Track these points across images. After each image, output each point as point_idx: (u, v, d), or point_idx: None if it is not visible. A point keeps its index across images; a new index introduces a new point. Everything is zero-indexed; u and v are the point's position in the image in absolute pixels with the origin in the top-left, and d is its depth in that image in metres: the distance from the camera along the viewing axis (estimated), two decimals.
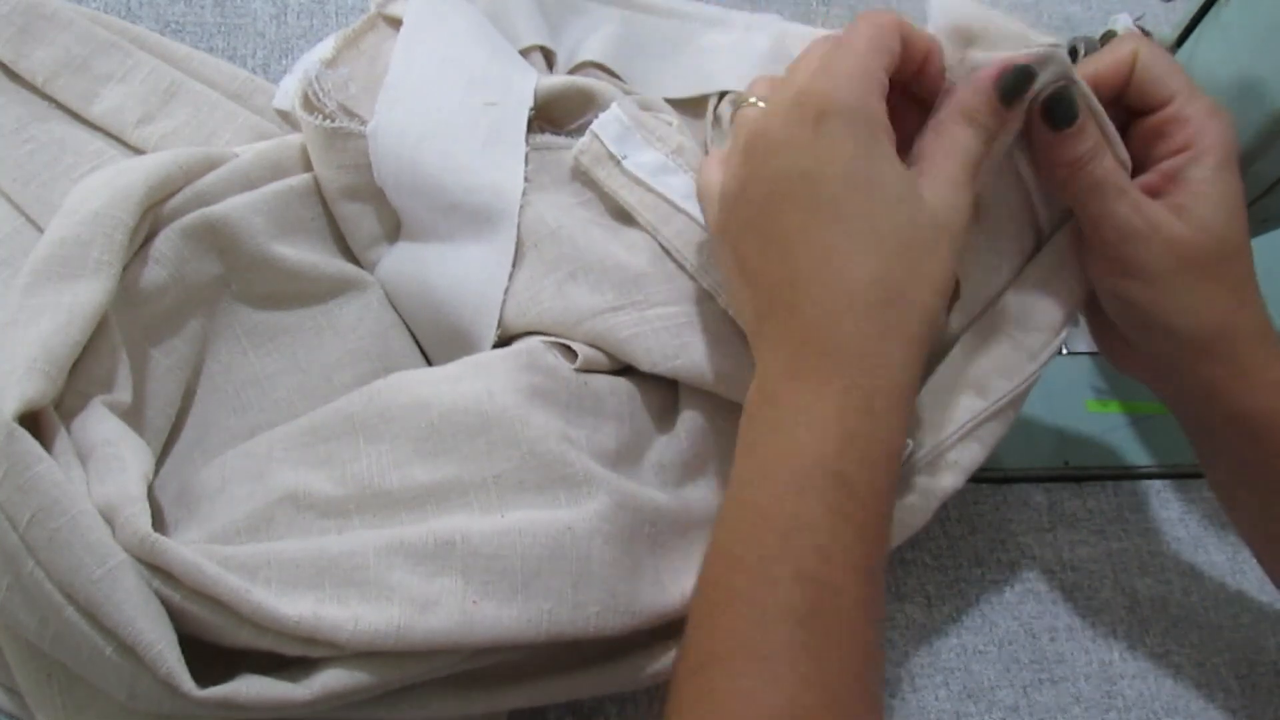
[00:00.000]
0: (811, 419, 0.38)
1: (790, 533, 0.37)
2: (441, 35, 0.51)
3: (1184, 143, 0.45)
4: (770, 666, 0.36)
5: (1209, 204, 0.44)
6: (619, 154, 0.49)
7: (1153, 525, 0.59)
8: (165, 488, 0.44)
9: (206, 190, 0.48)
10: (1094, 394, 0.61)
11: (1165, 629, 0.56)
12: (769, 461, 0.39)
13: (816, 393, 0.39)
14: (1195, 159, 0.44)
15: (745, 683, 0.36)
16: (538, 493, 0.43)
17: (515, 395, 0.44)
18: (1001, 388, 0.48)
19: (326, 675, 0.39)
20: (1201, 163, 0.44)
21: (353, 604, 0.39)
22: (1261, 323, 0.45)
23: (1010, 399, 0.48)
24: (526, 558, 0.41)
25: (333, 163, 0.50)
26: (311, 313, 0.50)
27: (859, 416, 0.38)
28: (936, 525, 0.56)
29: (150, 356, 0.46)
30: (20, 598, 0.38)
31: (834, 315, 0.39)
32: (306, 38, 0.61)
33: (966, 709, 0.52)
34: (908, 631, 0.53)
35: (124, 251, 0.43)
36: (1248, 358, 0.45)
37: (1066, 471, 0.59)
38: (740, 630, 0.37)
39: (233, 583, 0.38)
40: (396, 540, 0.41)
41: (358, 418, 0.44)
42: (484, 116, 0.49)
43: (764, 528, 0.38)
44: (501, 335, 0.48)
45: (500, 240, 0.48)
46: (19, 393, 0.38)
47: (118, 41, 0.54)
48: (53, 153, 0.52)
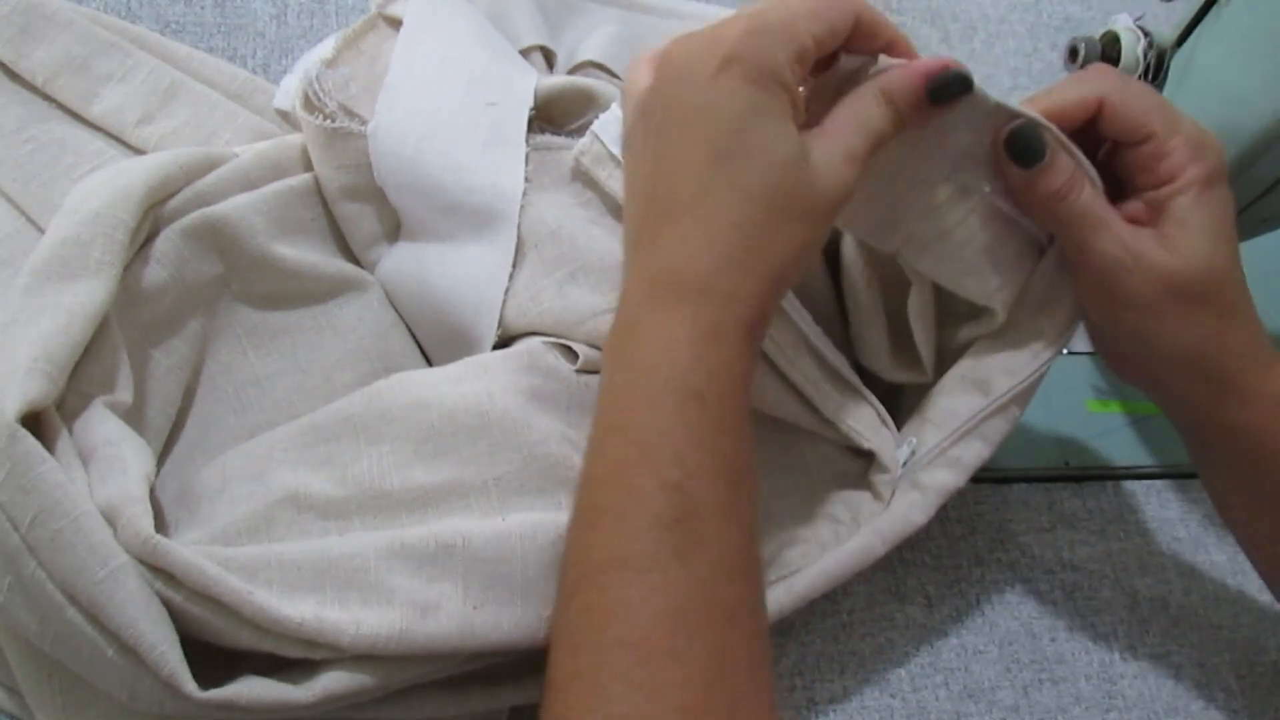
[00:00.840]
0: (663, 341, 0.40)
1: (648, 445, 0.38)
2: (442, 35, 0.51)
3: (1167, 175, 0.45)
4: (643, 575, 0.36)
5: (1193, 233, 0.44)
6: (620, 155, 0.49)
7: (1153, 525, 0.59)
8: (165, 488, 0.44)
9: (207, 190, 0.47)
10: (1094, 394, 0.61)
11: (1165, 629, 0.56)
12: (625, 385, 0.40)
13: (669, 317, 0.40)
14: (1179, 191, 0.44)
15: (621, 592, 0.36)
16: (538, 495, 0.43)
17: (516, 397, 0.44)
18: (1004, 384, 0.48)
19: (327, 677, 0.39)
20: (1185, 194, 0.44)
21: (354, 607, 0.39)
22: (1253, 340, 0.45)
23: (1013, 395, 0.48)
24: (526, 563, 0.41)
25: (333, 162, 0.50)
26: (311, 313, 0.50)
27: (705, 341, 0.39)
28: (936, 525, 0.56)
29: (151, 356, 0.46)
30: (22, 598, 0.38)
31: (695, 251, 0.40)
32: (306, 38, 0.61)
33: (966, 709, 0.52)
34: (908, 631, 0.53)
35: (124, 252, 0.43)
36: (1237, 375, 0.45)
37: (1066, 471, 0.59)
38: (611, 544, 0.37)
39: (234, 584, 0.38)
40: (397, 543, 0.41)
41: (358, 419, 0.44)
42: (484, 116, 0.49)
43: (624, 444, 0.39)
44: (502, 335, 0.47)
45: (500, 240, 0.48)
46: (20, 393, 0.38)
47: (118, 41, 0.54)
48: (53, 153, 0.52)
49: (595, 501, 0.39)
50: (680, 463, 0.38)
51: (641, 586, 0.36)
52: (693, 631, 0.36)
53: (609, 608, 0.36)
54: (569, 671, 0.37)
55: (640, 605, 0.36)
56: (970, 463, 0.49)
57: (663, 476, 0.38)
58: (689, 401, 0.39)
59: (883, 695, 0.51)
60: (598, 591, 0.37)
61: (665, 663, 0.35)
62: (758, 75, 0.40)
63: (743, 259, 0.40)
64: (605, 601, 0.37)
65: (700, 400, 0.39)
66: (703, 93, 0.40)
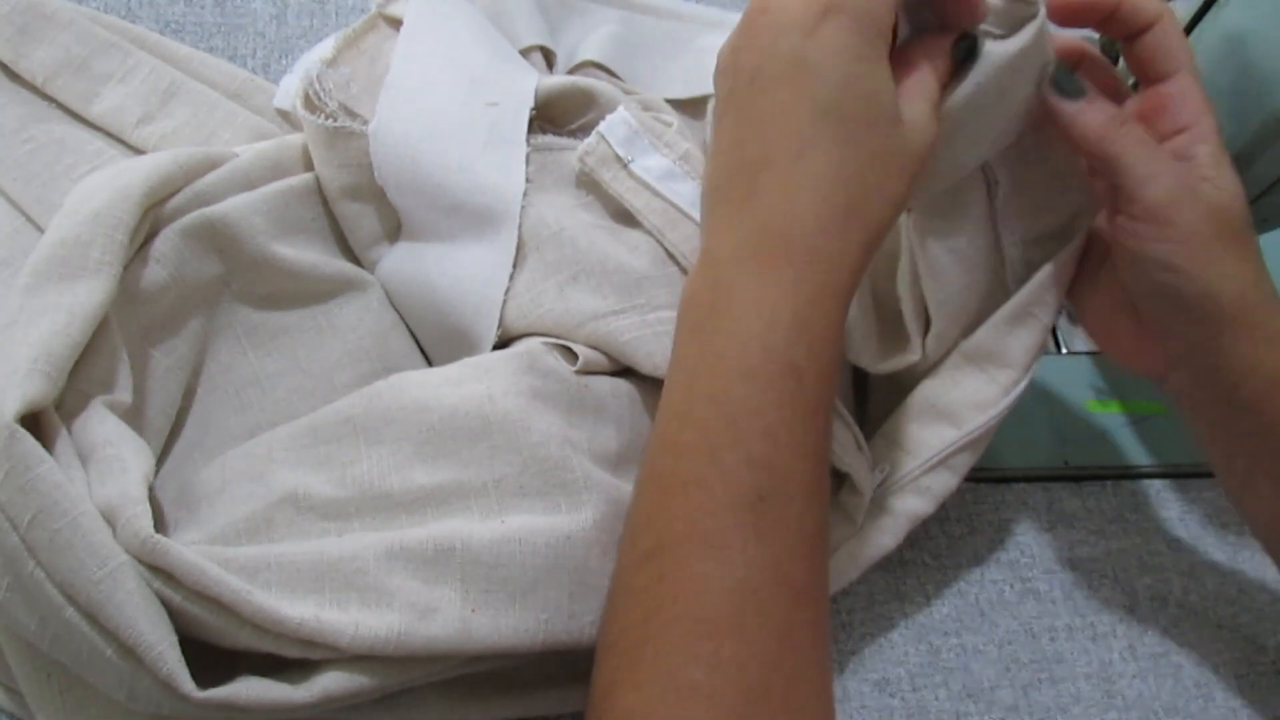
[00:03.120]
0: (761, 307, 0.39)
1: (739, 419, 0.38)
2: (442, 35, 0.51)
3: (1187, 121, 0.45)
4: (721, 550, 0.36)
5: (1228, 174, 0.44)
6: (626, 157, 0.48)
7: (1153, 525, 0.59)
8: (165, 488, 0.44)
9: (206, 190, 0.47)
10: (1094, 394, 0.61)
11: (1165, 629, 0.56)
12: (717, 348, 0.39)
13: (768, 280, 0.39)
14: (1200, 138, 0.45)
15: (697, 566, 0.36)
16: (538, 498, 0.43)
17: (516, 399, 0.44)
18: (975, 419, 0.49)
19: (326, 678, 0.39)
20: (1208, 141, 0.44)
21: (353, 609, 0.39)
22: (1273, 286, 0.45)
23: (983, 431, 0.49)
24: (525, 567, 0.41)
25: (334, 162, 0.50)
26: (311, 313, 0.50)
27: (810, 307, 0.38)
28: (936, 525, 0.56)
29: (150, 356, 0.46)
30: (21, 598, 0.38)
31: (798, 206, 0.39)
32: (306, 38, 0.61)
33: (966, 709, 0.52)
34: (908, 631, 0.53)
35: (124, 251, 0.43)
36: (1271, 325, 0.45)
37: (1066, 471, 0.59)
38: (691, 516, 0.37)
39: (234, 584, 0.38)
40: (397, 544, 0.41)
41: (358, 419, 0.44)
42: (485, 116, 0.49)
43: (713, 414, 0.38)
44: (502, 336, 0.47)
45: (501, 241, 0.48)
46: (20, 394, 0.38)
47: (118, 41, 0.54)
48: (53, 153, 0.52)
49: (679, 470, 0.38)
50: (771, 439, 0.37)
51: (718, 563, 0.36)
52: (761, 609, 0.36)
53: (683, 582, 0.36)
54: (635, 638, 0.37)
55: (714, 582, 0.36)
56: (940, 492, 0.50)
57: (751, 453, 0.37)
58: (786, 376, 0.38)
59: (883, 695, 0.51)
60: (674, 563, 0.37)
61: (730, 640, 0.35)
62: (862, 24, 0.39)
63: (845, 219, 0.39)
64: (681, 575, 0.37)
65: (798, 376, 0.38)
66: (804, 44, 0.39)
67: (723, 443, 0.38)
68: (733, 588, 0.36)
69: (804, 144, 0.39)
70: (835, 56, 0.39)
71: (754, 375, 0.38)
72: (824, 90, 0.39)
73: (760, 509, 0.37)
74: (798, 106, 0.39)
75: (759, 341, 0.38)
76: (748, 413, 0.38)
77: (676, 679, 0.35)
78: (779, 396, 0.38)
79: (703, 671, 0.35)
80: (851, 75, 0.39)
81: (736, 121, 0.41)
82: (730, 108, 0.41)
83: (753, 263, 0.39)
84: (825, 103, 0.39)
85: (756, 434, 0.37)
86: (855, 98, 0.39)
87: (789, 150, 0.39)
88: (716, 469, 0.37)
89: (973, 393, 0.49)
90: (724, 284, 0.40)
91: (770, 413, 0.38)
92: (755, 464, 0.37)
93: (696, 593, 0.36)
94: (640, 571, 0.38)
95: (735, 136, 0.41)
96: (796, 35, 0.39)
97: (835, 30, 0.39)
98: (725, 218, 0.41)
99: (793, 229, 0.39)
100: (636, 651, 0.36)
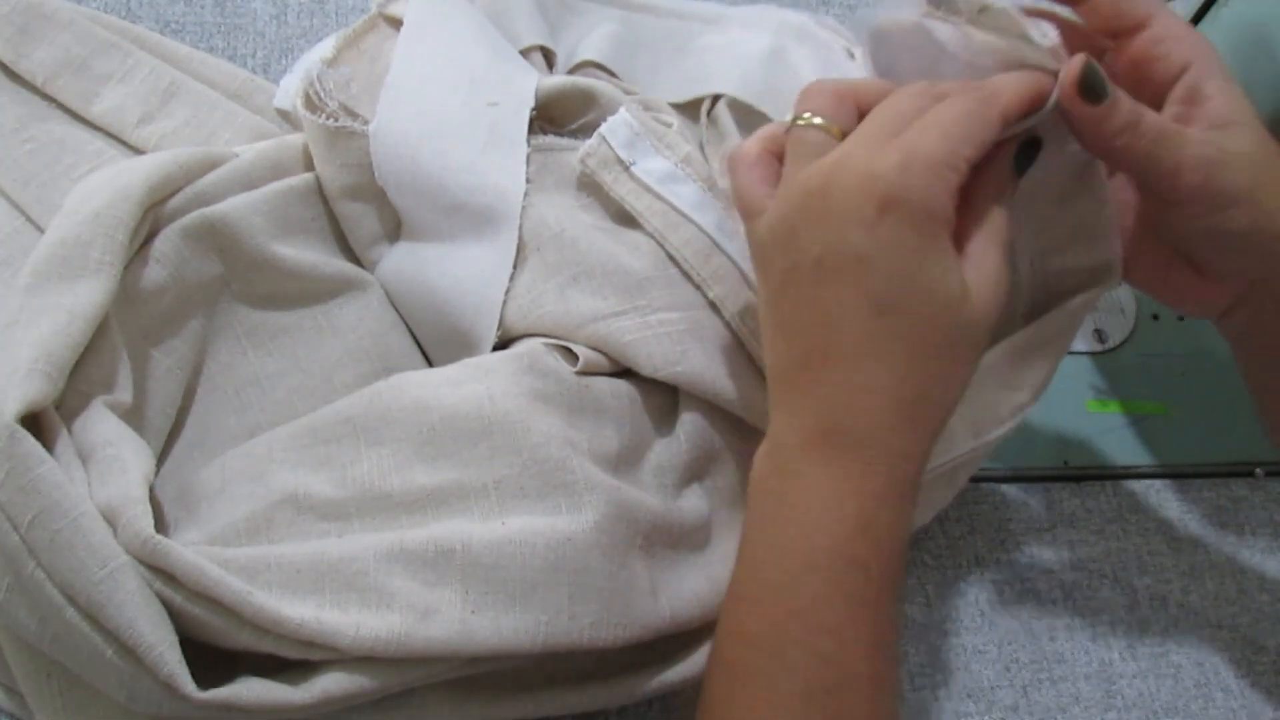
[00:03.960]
0: (828, 500, 0.38)
1: (806, 613, 0.38)
2: (442, 35, 0.51)
3: (1186, 57, 0.43)
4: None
5: (1240, 109, 0.43)
6: (628, 159, 0.48)
7: (1153, 525, 0.59)
8: (165, 488, 0.44)
9: (206, 190, 0.47)
10: (1094, 394, 0.61)
11: (1165, 629, 0.56)
12: (784, 539, 0.39)
13: (835, 473, 0.39)
14: (1206, 73, 0.43)
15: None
16: (538, 499, 0.42)
17: (516, 399, 0.44)
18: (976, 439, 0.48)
19: (326, 679, 0.39)
20: (1214, 74, 0.43)
21: (354, 609, 0.39)
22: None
23: (985, 450, 0.49)
24: (526, 569, 0.41)
25: (335, 161, 0.50)
26: (311, 313, 0.50)
27: (877, 502, 0.38)
28: (936, 525, 0.56)
29: (150, 356, 0.46)
30: (21, 599, 0.38)
31: (862, 399, 0.39)
32: (306, 38, 0.61)
33: (966, 709, 0.52)
34: (908, 631, 0.53)
35: (124, 251, 0.43)
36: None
37: (1066, 471, 0.59)
38: (756, 709, 0.37)
39: (235, 585, 0.38)
40: (397, 546, 0.41)
41: (358, 420, 0.44)
42: (485, 116, 0.49)
43: (780, 608, 0.38)
44: (502, 337, 0.47)
45: (501, 241, 0.48)
46: (20, 394, 0.38)
47: (118, 41, 0.54)
48: (53, 153, 0.52)
49: (746, 661, 0.39)
50: (837, 635, 0.37)
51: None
52: None
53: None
54: None
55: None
56: (936, 503, 0.50)
57: (817, 646, 0.37)
58: (853, 570, 0.38)
59: None
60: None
61: None
62: (921, 219, 0.38)
63: (912, 412, 0.39)
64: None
65: (864, 571, 0.38)
66: (867, 241, 0.38)
67: (788, 635, 0.38)
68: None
69: (868, 343, 0.39)
70: (894, 253, 0.38)
71: (819, 569, 0.38)
72: (885, 287, 0.38)
73: (827, 702, 0.37)
74: (861, 304, 0.39)
75: (825, 534, 0.38)
76: (814, 606, 0.38)
77: None
78: (845, 591, 0.38)
79: None
80: (911, 271, 0.38)
81: (798, 307, 0.40)
82: (790, 288, 0.40)
83: (820, 454, 0.39)
84: (886, 300, 0.38)
85: (822, 629, 0.37)
86: (916, 292, 0.38)
87: (854, 349, 0.39)
88: (781, 663, 0.37)
89: (979, 411, 0.48)
90: (790, 471, 0.40)
91: (837, 607, 0.37)
92: (821, 658, 0.37)
93: None
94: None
95: (798, 322, 0.40)
96: (859, 229, 0.38)
97: (894, 226, 0.38)
98: (791, 404, 0.40)
99: (859, 425, 0.39)
100: None
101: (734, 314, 0.48)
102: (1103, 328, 0.62)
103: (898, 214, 0.38)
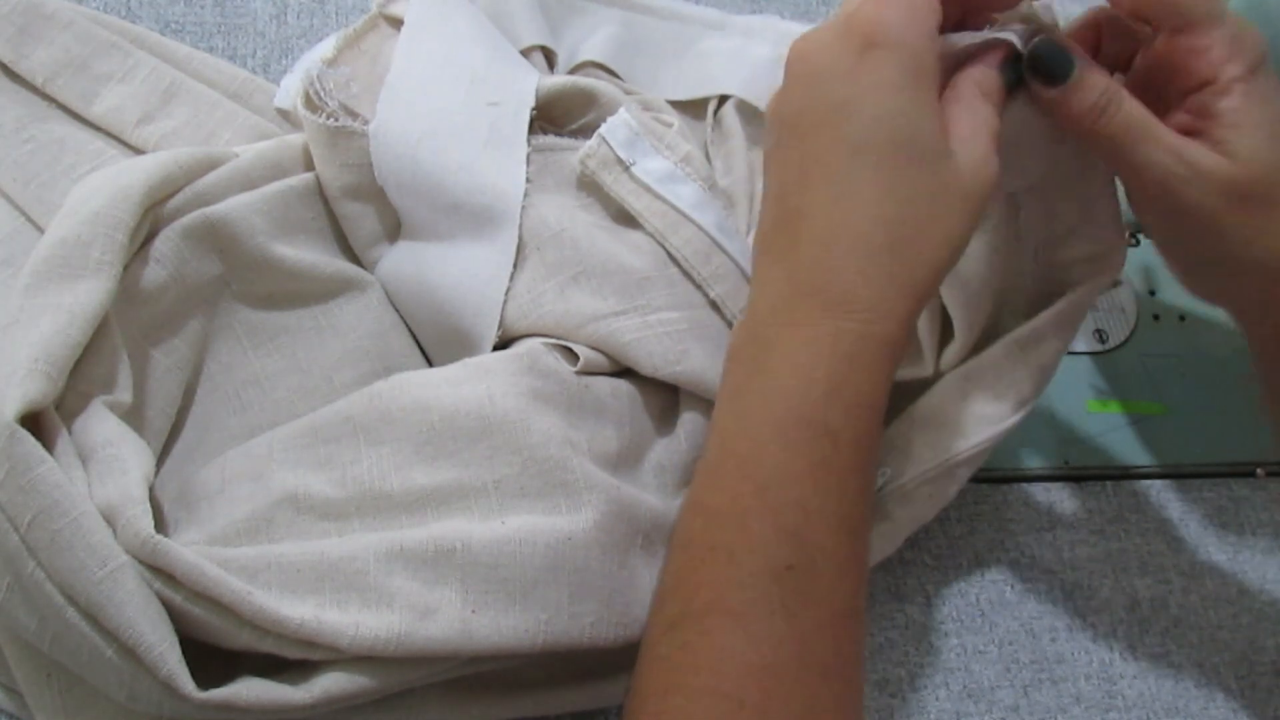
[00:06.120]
0: (797, 366, 0.37)
1: (770, 486, 0.36)
2: (443, 35, 0.51)
3: (1204, 76, 0.41)
4: (746, 625, 0.35)
5: (1247, 134, 0.41)
6: (627, 160, 0.48)
7: (1153, 525, 0.59)
8: (165, 488, 0.44)
9: (206, 190, 0.47)
10: (1094, 394, 0.61)
11: (1165, 629, 0.56)
12: (751, 410, 0.38)
13: (805, 336, 0.37)
14: (1221, 91, 0.41)
15: (720, 639, 0.35)
16: (539, 499, 0.42)
17: (516, 399, 0.44)
18: (982, 433, 0.48)
19: (326, 679, 0.39)
20: (1230, 93, 0.41)
21: (353, 609, 0.39)
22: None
23: (989, 445, 0.49)
24: (526, 568, 0.41)
25: (335, 161, 0.49)
26: (311, 313, 0.50)
27: (848, 364, 0.37)
28: (936, 525, 0.55)
29: (150, 356, 0.46)
30: (21, 599, 0.38)
31: (835, 254, 0.37)
32: (306, 38, 0.61)
33: (966, 709, 0.52)
34: (908, 631, 0.53)
35: (124, 251, 0.43)
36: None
37: (1066, 471, 0.59)
38: (717, 585, 0.36)
39: (234, 585, 0.38)
40: (397, 545, 0.41)
41: (358, 419, 0.44)
42: (485, 116, 0.49)
43: (744, 480, 0.37)
44: (502, 336, 0.47)
45: (501, 241, 0.48)
46: (20, 394, 0.38)
47: (118, 41, 0.54)
48: (53, 153, 0.52)
49: (706, 535, 0.37)
50: (802, 509, 0.36)
51: (742, 636, 0.35)
52: (785, 687, 0.35)
53: (706, 652, 0.35)
54: (655, 709, 0.36)
55: (737, 655, 0.35)
56: (940, 500, 0.49)
57: (781, 522, 0.36)
58: (821, 440, 0.36)
59: (883, 695, 0.51)
60: (698, 634, 0.36)
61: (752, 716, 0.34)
62: (901, 58, 0.37)
63: (888, 264, 0.37)
64: (704, 645, 0.36)
65: (834, 440, 0.36)
66: (849, 84, 0.37)
67: (751, 510, 0.36)
68: (758, 664, 0.35)
69: (840, 188, 0.38)
70: (873, 92, 0.37)
71: (785, 438, 0.37)
72: (859, 128, 0.37)
73: (789, 580, 0.35)
74: (835, 149, 0.38)
75: (792, 403, 0.37)
76: (778, 480, 0.36)
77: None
78: (811, 461, 0.36)
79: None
80: (889, 110, 0.37)
81: (779, 172, 0.40)
82: (774, 159, 0.40)
83: (790, 318, 0.38)
84: (860, 141, 0.37)
85: (787, 502, 0.36)
86: (893, 133, 0.37)
87: (827, 197, 0.38)
88: (744, 537, 0.36)
89: (982, 406, 0.48)
90: (762, 340, 0.39)
91: (803, 479, 0.36)
92: (784, 534, 0.36)
93: (720, 666, 0.35)
94: (665, 639, 0.37)
95: (779, 189, 0.40)
96: (836, 79, 0.38)
97: (874, 66, 0.37)
98: (767, 271, 0.39)
99: (830, 282, 0.37)
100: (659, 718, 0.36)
101: (735, 314, 0.48)
102: (1103, 328, 0.62)
103: (878, 50, 0.37)
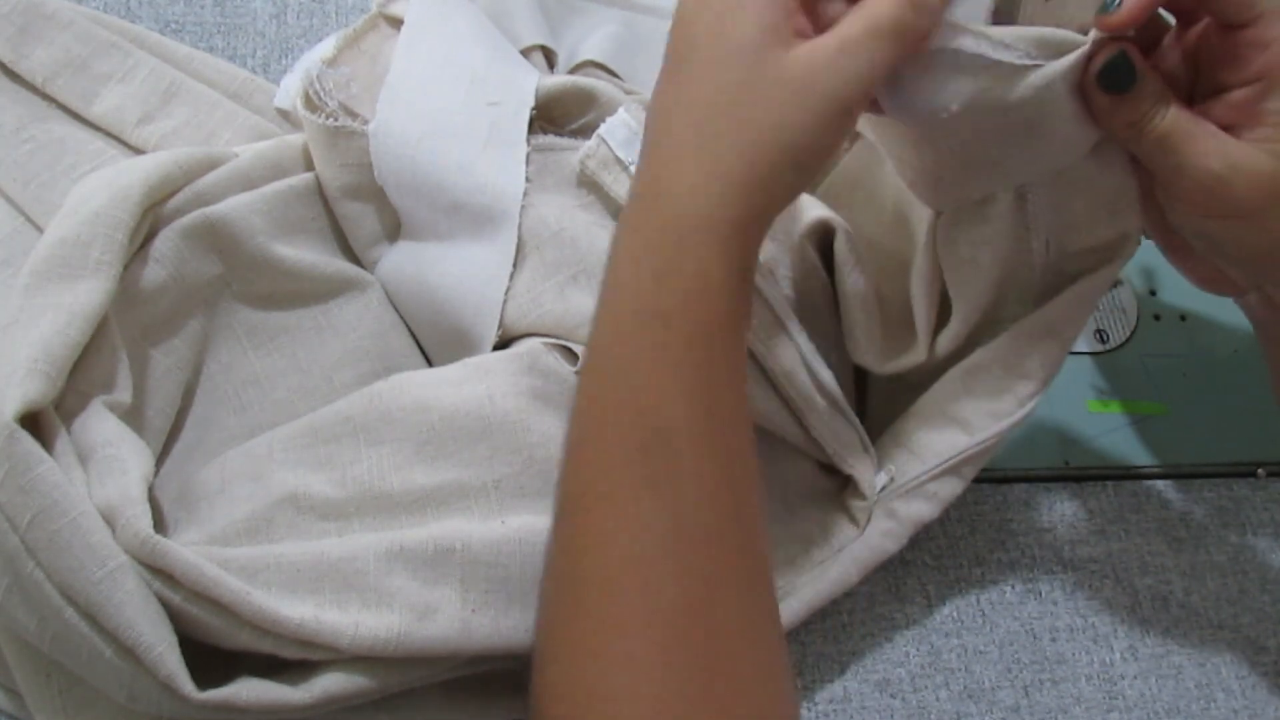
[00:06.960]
0: (631, 259, 0.39)
1: (617, 374, 0.38)
2: (443, 35, 0.51)
3: (1259, 71, 0.41)
4: (615, 506, 0.37)
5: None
6: (627, 160, 0.48)
7: (1153, 525, 0.59)
8: (165, 488, 0.44)
9: (206, 190, 0.47)
10: (1095, 394, 0.61)
11: (1165, 629, 0.56)
12: (601, 310, 0.40)
13: (637, 227, 0.39)
14: (1271, 88, 0.40)
15: (594, 524, 0.37)
16: (538, 498, 0.43)
17: (516, 399, 0.44)
18: (989, 428, 0.48)
19: (326, 679, 0.39)
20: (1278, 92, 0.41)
21: (353, 609, 0.39)
22: None
23: (995, 440, 0.49)
24: (525, 567, 0.41)
25: (335, 161, 0.50)
26: (311, 313, 0.50)
27: (673, 250, 0.38)
28: (936, 525, 0.55)
29: (150, 357, 0.46)
30: (20, 599, 0.38)
31: (660, 150, 0.40)
32: (306, 38, 0.61)
33: (967, 709, 0.52)
34: (908, 631, 0.53)
35: (124, 251, 0.43)
36: None
37: (1066, 471, 0.59)
38: (585, 475, 0.38)
39: (234, 585, 0.38)
40: (396, 545, 0.41)
41: (358, 419, 0.44)
42: (485, 116, 0.49)
43: (598, 372, 0.39)
44: (502, 336, 0.47)
45: (501, 241, 0.48)
46: (20, 394, 0.38)
47: (118, 41, 0.54)
48: (53, 153, 0.52)
49: (574, 434, 0.39)
50: (647, 390, 0.37)
51: (613, 518, 0.36)
52: (664, 561, 0.36)
53: (582, 540, 0.37)
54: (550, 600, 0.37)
55: (611, 538, 0.36)
56: (945, 497, 0.50)
57: (634, 404, 0.37)
58: (653, 323, 0.38)
59: (883, 695, 0.51)
60: (571, 525, 0.37)
61: (634, 598, 0.35)
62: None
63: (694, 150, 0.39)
64: (579, 534, 0.37)
65: (664, 321, 0.38)
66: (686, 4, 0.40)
67: (607, 395, 0.38)
68: (632, 542, 0.36)
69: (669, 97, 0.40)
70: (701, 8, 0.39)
71: (623, 331, 0.38)
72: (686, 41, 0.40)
73: (650, 455, 0.37)
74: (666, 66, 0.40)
75: (626, 294, 0.39)
76: (621, 368, 0.38)
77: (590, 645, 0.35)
78: (650, 343, 0.38)
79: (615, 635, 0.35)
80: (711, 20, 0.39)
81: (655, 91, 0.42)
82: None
83: (629, 220, 0.40)
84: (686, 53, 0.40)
85: (634, 388, 0.38)
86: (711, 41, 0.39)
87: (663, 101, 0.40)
88: (604, 424, 0.38)
89: (988, 401, 0.48)
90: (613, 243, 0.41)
91: (642, 364, 0.38)
92: (636, 416, 0.37)
93: (596, 551, 0.36)
94: (554, 538, 0.39)
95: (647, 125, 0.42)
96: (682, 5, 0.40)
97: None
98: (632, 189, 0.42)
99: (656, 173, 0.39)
100: (554, 618, 0.37)
101: None
102: (1104, 328, 0.62)
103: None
